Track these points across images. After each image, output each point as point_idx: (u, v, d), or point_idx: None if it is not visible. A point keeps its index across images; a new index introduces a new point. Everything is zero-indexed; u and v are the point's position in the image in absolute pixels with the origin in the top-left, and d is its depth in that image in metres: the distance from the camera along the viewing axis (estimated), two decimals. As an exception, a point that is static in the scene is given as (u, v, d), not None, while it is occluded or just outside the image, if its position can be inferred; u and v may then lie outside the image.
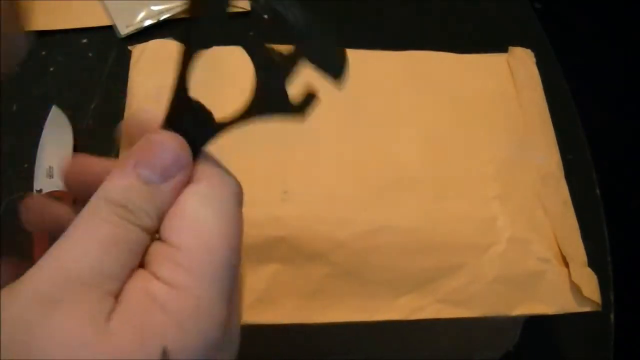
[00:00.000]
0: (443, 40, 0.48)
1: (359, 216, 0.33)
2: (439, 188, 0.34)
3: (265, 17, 0.20)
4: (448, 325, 0.35)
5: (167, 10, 0.54)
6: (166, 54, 0.36)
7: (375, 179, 0.34)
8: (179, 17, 0.53)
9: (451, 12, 0.58)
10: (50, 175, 0.45)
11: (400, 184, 0.34)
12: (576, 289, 0.32)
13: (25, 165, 0.46)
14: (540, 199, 0.35)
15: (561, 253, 0.33)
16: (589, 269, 0.33)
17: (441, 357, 0.40)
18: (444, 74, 0.39)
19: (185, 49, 0.20)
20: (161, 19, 0.53)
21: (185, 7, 0.20)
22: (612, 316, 0.45)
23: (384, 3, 0.58)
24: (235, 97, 0.21)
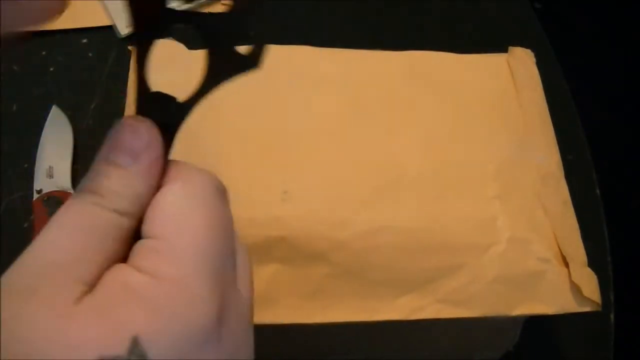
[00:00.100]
0: (443, 40, 0.48)
1: (359, 216, 0.33)
2: (439, 188, 0.34)
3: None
4: (448, 325, 0.35)
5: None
6: (166, 54, 0.36)
7: (375, 179, 0.34)
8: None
9: (451, 12, 0.58)
10: (50, 175, 0.45)
11: (400, 184, 0.34)
12: (576, 289, 0.32)
13: (25, 165, 0.46)
14: (540, 199, 0.35)
15: (561, 253, 0.33)
16: (589, 269, 0.33)
17: (441, 357, 0.40)
18: (444, 74, 0.39)
19: (139, 48, 0.21)
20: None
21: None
22: (612, 316, 0.45)
23: (384, 3, 0.58)
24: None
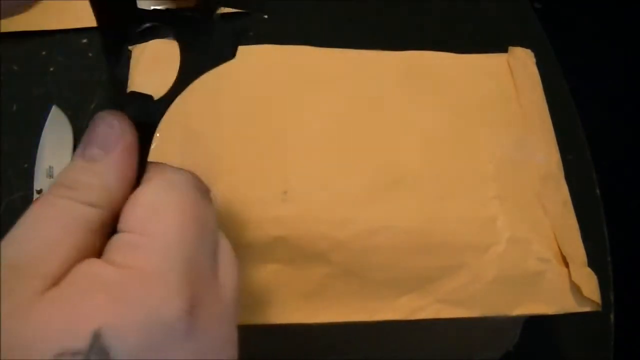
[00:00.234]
0: (443, 40, 0.48)
1: (359, 216, 0.33)
2: (439, 188, 0.34)
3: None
4: (448, 325, 0.35)
5: (167, 10, 0.54)
6: (166, 54, 0.36)
7: (375, 179, 0.34)
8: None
9: (451, 12, 0.58)
10: (50, 175, 0.45)
11: (400, 184, 0.34)
12: (576, 289, 0.32)
13: (25, 165, 0.46)
14: (540, 199, 0.35)
15: (561, 253, 0.33)
16: (589, 269, 0.33)
17: (441, 357, 0.40)
18: (444, 74, 0.39)
19: (110, 48, 0.21)
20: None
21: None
22: (612, 316, 0.45)
23: (384, 3, 0.58)
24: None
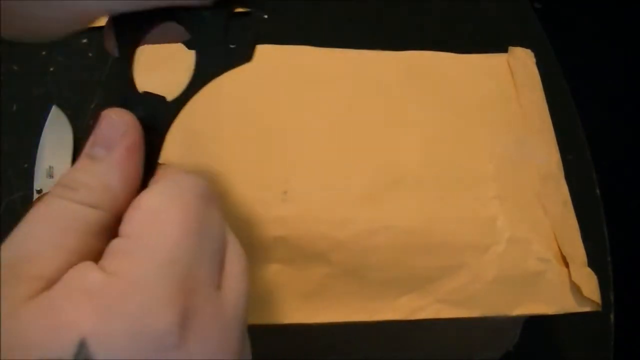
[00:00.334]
0: (443, 40, 0.48)
1: (359, 216, 0.33)
2: (439, 188, 0.34)
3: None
4: (448, 325, 0.35)
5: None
6: (166, 54, 0.36)
7: (375, 179, 0.34)
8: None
9: (451, 12, 0.58)
10: (50, 175, 0.45)
11: (400, 184, 0.34)
12: (576, 289, 0.32)
13: (25, 165, 0.46)
14: (540, 199, 0.35)
15: (561, 253, 0.33)
16: (589, 269, 0.33)
17: (441, 357, 0.40)
18: (444, 74, 0.39)
19: (124, 49, 0.21)
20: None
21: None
22: (612, 316, 0.45)
23: (384, 3, 0.58)
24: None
